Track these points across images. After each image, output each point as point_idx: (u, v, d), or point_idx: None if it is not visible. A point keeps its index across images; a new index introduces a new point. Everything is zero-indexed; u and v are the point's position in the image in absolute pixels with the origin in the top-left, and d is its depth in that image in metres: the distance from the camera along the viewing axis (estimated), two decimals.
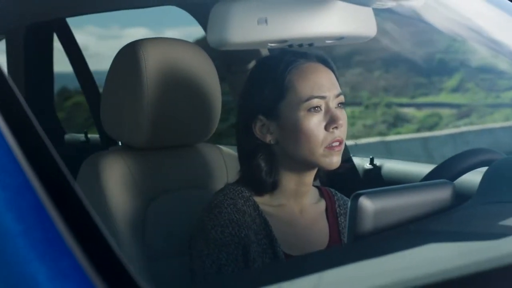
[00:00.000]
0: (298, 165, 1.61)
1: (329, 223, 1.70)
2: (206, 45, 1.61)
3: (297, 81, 1.59)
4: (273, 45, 1.59)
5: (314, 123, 1.57)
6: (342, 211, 1.72)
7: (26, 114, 0.83)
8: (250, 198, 1.61)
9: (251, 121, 1.62)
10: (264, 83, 1.61)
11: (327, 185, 1.76)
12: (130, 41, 1.78)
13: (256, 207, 1.60)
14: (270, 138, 1.61)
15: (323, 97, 1.58)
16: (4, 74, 0.86)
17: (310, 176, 1.65)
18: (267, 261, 1.56)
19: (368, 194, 1.14)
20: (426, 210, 1.21)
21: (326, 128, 1.58)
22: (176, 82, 1.76)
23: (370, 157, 2.52)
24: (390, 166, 2.48)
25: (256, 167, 1.62)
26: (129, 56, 1.75)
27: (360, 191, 1.14)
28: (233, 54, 2.32)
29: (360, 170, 2.52)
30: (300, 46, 1.62)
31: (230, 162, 1.89)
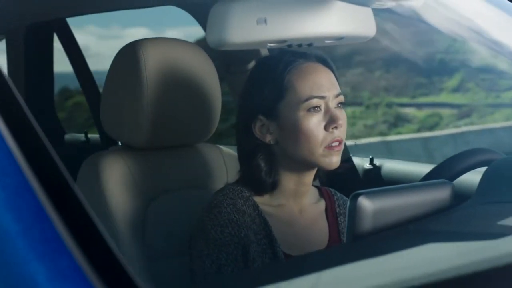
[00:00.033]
0: (298, 165, 1.61)
1: (328, 223, 1.70)
2: (206, 45, 1.61)
3: (296, 81, 1.59)
4: (272, 45, 1.59)
5: (314, 123, 1.57)
6: (341, 211, 1.72)
7: (25, 114, 0.83)
8: (250, 198, 1.61)
9: (251, 121, 1.62)
10: (263, 83, 1.61)
11: (327, 185, 1.76)
12: (130, 41, 1.78)
13: (255, 207, 1.60)
14: (269, 138, 1.61)
15: (323, 97, 1.58)
16: (3, 74, 0.87)
17: (309, 176, 1.65)
18: (267, 261, 1.56)
19: (367, 194, 1.14)
20: (425, 210, 1.21)
21: (326, 128, 1.58)
22: (176, 82, 1.76)
23: (370, 157, 2.52)
24: (389, 166, 2.48)
25: (255, 167, 1.62)
26: (129, 56, 1.75)
27: (359, 191, 1.14)
28: (232, 54, 2.32)
29: (360, 170, 2.52)
30: (299, 46, 1.62)
31: (230, 162, 1.89)
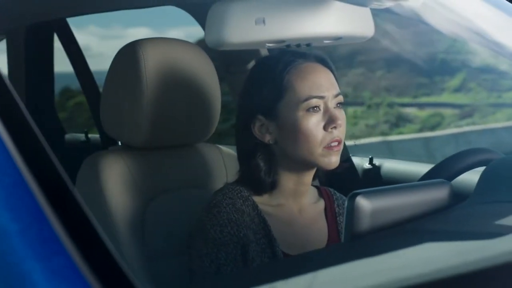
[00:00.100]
0: (297, 165, 1.62)
1: (328, 223, 1.70)
2: (206, 45, 1.61)
3: (295, 81, 1.59)
4: (270, 45, 1.59)
5: (313, 123, 1.57)
6: (341, 211, 1.72)
7: (23, 114, 0.84)
8: (249, 197, 1.61)
9: (250, 121, 1.62)
10: (263, 83, 1.62)
11: (326, 184, 1.77)
12: (130, 41, 1.78)
13: (255, 207, 1.61)
14: (269, 138, 1.62)
15: (322, 97, 1.58)
16: (1, 75, 0.87)
17: (309, 176, 1.65)
18: (266, 260, 1.56)
19: (365, 194, 1.14)
20: (423, 209, 1.21)
21: (325, 128, 1.58)
22: (175, 82, 1.77)
23: (369, 156, 2.52)
24: (389, 165, 2.48)
25: (255, 167, 1.62)
26: (128, 56, 1.75)
27: (357, 191, 1.14)
28: (232, 55, 2.33)
29: (359, 170, 2.52)
30: (297, 46, 1.62)
31: (229, 162, 1.89)
